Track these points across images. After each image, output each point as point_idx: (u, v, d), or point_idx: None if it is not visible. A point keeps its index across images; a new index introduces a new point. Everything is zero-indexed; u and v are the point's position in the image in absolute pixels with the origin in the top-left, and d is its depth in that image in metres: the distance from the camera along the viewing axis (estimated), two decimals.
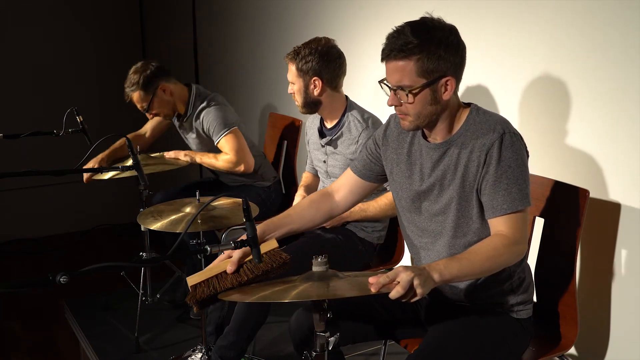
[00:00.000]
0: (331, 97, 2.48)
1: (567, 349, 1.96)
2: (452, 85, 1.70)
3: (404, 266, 1.51)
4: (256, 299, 1.55)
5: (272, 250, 1.71)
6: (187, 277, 1.76)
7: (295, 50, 2.47)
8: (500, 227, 1.68)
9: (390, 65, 1.70)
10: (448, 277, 1.56)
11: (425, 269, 1.52)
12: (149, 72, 3.07)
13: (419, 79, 1.67)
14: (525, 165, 1.71)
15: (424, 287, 1.47)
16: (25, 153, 4.54)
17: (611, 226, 1.99)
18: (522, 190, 1.68)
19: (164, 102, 3.13)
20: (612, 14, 1.93)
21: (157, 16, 5.10)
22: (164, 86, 3.11)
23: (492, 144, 1.68)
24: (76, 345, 3.23)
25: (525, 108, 2.25)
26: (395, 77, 1.69)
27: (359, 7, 2.96)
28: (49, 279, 1.27)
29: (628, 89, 1.91)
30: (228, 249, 1.63)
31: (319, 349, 1.57)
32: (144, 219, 2.41)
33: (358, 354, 2.80)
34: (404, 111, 1.73)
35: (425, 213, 1.84)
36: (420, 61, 1.65)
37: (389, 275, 1.47)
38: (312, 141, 2.67)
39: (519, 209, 1.67)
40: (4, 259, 4.61)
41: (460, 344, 1.76)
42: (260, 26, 3.75)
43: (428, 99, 1.70)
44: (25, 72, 4.82)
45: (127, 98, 3.13)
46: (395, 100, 1.72)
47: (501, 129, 1.70)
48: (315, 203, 2.01)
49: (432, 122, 1.76)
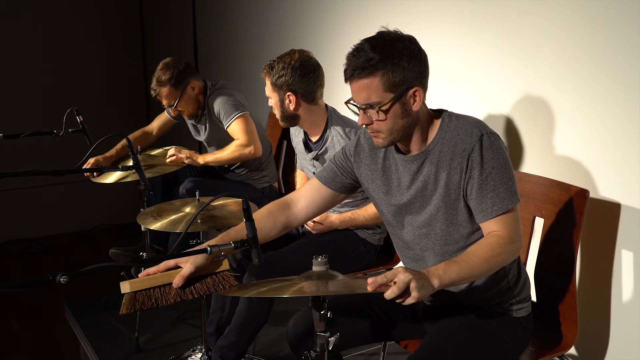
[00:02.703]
0: (309, 110, 2.44)
1: (567, 349, 1.96)
2: (421, 95, 1.68)
3: (404, 267, 1.51)
4: (254, 294, 1.54)
5: (222, 273, 1.64)
6: (122, 282, 1.59)
7: (269, 64, 2.43)
8: (494, 229, 1.67)
9: (355, 84, 1.66)
10: (447, 282, 1.54)
11: (425, 274, 1.52)
12: (182, 68, 3.09)
13: (387, 94, 1.64)
14: (508, 163, 1.69)
15: (420, 291, 1.46)
16: (25, 153, 4.54)
17: (611, 226, 1.99)
18: (509, 188, 1.67)
19: (192, 99, 3.15)
20: (612, 15, 1.93)
21: (157, 16, 5.10)
22: (194, 84, 3.12)
23: (472, 148, 1.66)
24: (76, 345, 3.23)
25: (525, 108, 2.25)
26: (362, 95, 1.66)
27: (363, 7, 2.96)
28: (49, 279, 1.27)
29: (628, 89, 1.90)
30: (228, 249, 1.63)
31: (319, 349, 1.57)
32: (144, 219, 2.41)
33: (358, 354, 2.80)
34: (375, 129, 1.70)
35: (408, 226, 1.82)
36: (385, 76, 1.63)
37: (387, 276, 1.46)
38: (299, 150, 2.65)
39: (509, 208, 1.66)
40: (4, 259, 4.61)
41: (459, 344, 1.76)
42: (260, 26, 3.75)
43: (399, 113, 1.67)
44: (25, 72, 4.82)
45: (154, 93, 3.14)
46: (366, 119, 1.69)
47: (478, 131, 1.68)
48: (272, 215, 1.89)
49: (406, 136, 1.73)
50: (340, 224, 2.47)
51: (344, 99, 1.75)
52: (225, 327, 2.49)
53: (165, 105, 3.19)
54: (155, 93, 3.13)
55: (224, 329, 2.50)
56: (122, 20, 5.15)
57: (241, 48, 3.97)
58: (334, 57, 3.12)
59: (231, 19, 4.05)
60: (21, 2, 4.73)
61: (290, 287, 1.51)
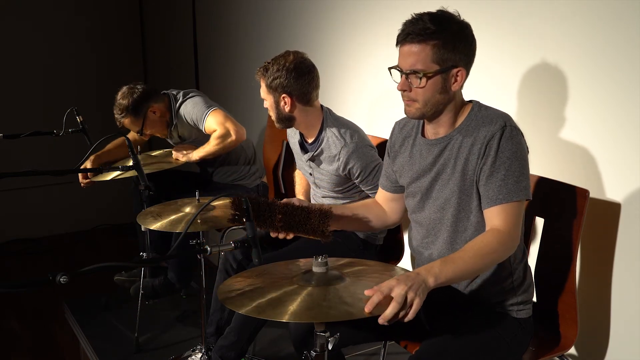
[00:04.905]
0: (304, 112, 2.43)
1: (567, 349, 1.96)
2: (462, 77, 1.72)
3: (396, 278, 1.49)
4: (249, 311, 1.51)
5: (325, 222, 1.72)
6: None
7: (264, 66, 2.42)
8: (494, 220, 1.68)
9: (405, 48, 1.70)
10: (443, 280, 1.54)
11: (420, 275, 1.51)
12: (137, 97, 3.05)
13: (433, 65, 1.68)
14: (525, 159, 1.71)
15: (420, 296, 1.46)
16: (25, 153, 4.54)
17: (611, 226, 1.99)
18: (520, 182, 1.68)
19: (156, 122, 3.13)
20: (613, 15, 1.93)
21: (157, 16, 5.10)
22: (154, 107, 3.10)
23: (493, 136, 1.69)
24: (76, 345, 3.23)
25: (525, 108, 2.25)
26: (409, 60, 1.69)
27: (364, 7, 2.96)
28: (49, 279, 1.27)
29: (628, 89, 1.90)
30: (228, 249, 1.63)
31: (319, 349, 1.57)
32: (144, 219, 2.41)
33: (358, 354, 2.80)
34: (412, 97, 1.73)
35: (427, 210, 1.85)
36: (436, 47, 1.67)
37: (382, 291, 1.45)
38: (295, 151, 2.65)
39: (513, 200, 1.67)
40: (4, 259, 4.61)
41: (460, 344, 1.76)
42: (260, 26, 3.75)
43: (439, 87, 1.70)
44: (25, 72, 4.82)
45: (119, 124, 3.12)
46: (406, 84, 1.72)
47: (502, 121, 1.71)
48: (370, 209, 2.03)
49: (437, 113, 1.76)
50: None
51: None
52: (225, 327, 2.49)
53: (135, 133, 3.17)
54: (120, 124, 3.12)
55: (224, 329, 2.50)
56: (122, 20, 5.15)
57: (241, 48, 3.97)
58: (334, 57, 3.13)
59: (231, 19, 4.04)
60: (21, 2, 4.73)
61: (288, 304, 1.48)
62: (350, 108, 2.99)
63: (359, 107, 2.95)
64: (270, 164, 3.46)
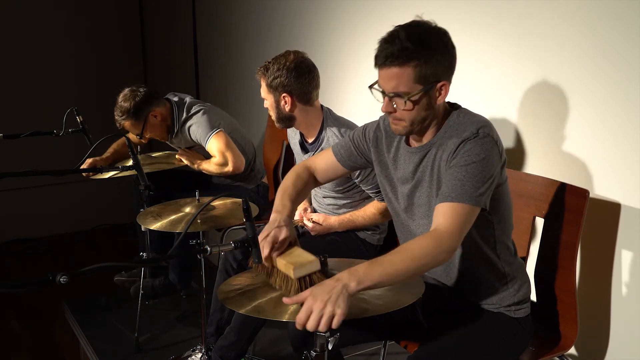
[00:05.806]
0: (305, 111, 2.43)
1: (567, 349, 1.96)
2: (447, 90, 1.67)
3: (313, 288, 1.46)
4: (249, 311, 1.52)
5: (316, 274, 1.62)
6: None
7: (265, 65, 2.42)
8: (440, 218, 1.60)
9: (386, 72, 1.63)
10: (368, 284, 1.48)
11: (340, 281, 1.46)
12: (139, 100, 3.03)
13: (416, 85, 1.63)
14: (490, 168, 1.63)
15: (341, 306, 1.41)
16: (25, 153, 4.54)
17: (611, 226, 1.99)
18: (477, 188, 1.60)
19: (157, 126, 3.12)
20: (613, 15, 1.93)
21: (157, 16, 5.10)
22: (155, 112, 3.08)
23: (463, 141, 1.65)
24: (76, 345, 3.23)
25: (525, 108, 2.25)
26: (391, 84, 1.64)
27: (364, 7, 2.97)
28: (49, 279, 1.27)
29: (628, 89, 1.90)
30: (228, 249, 1.63)
31: (319, 349, 1.57)
32: (144, 219, 2.41)
33: (358, 354, 2.80)
34: (398, 117, 1.69)
35: (415, 216, 1.83)
36: (418, 67, 1.60)
37: (298, 300, 1.45)
38: (295, 151, 2.65)
39: (465, 202, 1.59)
40: (4, 259, 4.61)
41: (459, 344, 1.76)
42: (260, 26, 3.75)
43: (424, 105, 1.66)
44: (25, 72, 4.82)
45: (120, 126, 3.11)
46: (390, 107, 1.67)
47: (475, 129, 1.66)
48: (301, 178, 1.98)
49: (424, 127, 1.73)
50: (340, 226, 2.47)
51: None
52: (225, 327, 2.49)
53: (135, 135, 3.16)
54: (120, 126, 3.10)
55: (224, 329, 2.50)
56: (122, 20, 5.15)
57: (241, 48, 3.97)
58: (334, 57, 3.13)
59: (231, 19, 4.04)
60: (21, 2, 4.73)
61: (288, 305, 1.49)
62: (350, 108, 2.99)
63: (359, 107, 2.95)
64: (271, 164, 3.46)
